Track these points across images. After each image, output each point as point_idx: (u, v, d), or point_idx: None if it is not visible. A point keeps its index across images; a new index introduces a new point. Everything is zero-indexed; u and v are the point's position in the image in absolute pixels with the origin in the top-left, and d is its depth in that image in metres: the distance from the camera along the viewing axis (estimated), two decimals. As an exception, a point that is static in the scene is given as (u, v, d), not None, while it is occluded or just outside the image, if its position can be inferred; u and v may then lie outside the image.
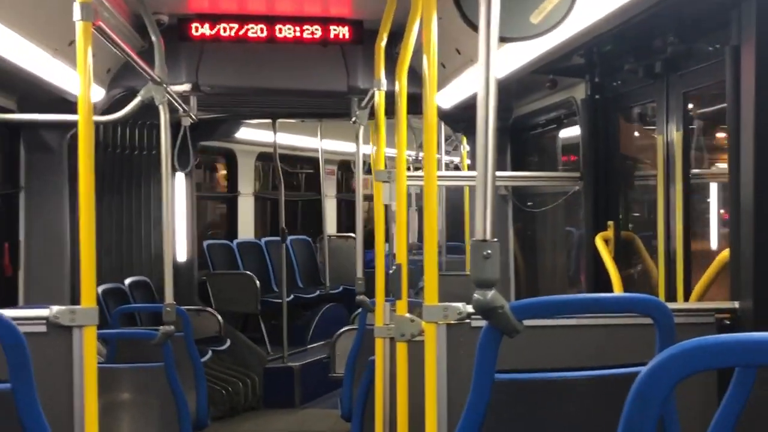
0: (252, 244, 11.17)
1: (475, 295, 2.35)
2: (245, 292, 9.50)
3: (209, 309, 8.39)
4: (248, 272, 9.95)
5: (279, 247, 10.79)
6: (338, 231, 13.15)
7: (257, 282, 9.57)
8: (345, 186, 14.29)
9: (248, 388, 8.81)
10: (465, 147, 8.42)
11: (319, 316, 10.70)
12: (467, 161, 8.48)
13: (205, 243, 10.00)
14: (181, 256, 9.06)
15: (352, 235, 11.57)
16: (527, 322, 2.37)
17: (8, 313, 2.74)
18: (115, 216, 8.62)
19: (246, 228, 11.50)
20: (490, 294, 2.34)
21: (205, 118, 7.13)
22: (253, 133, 11.10)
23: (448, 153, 13.77)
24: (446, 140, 13.32)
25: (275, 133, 10.18)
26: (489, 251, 2.36)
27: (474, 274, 2.36)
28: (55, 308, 3.31)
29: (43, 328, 3.31)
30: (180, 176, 8.94)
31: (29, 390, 2.53)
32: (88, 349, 3.28)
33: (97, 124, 6.55)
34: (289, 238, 11.80)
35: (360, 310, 9.00)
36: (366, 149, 11.16)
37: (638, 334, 3.00)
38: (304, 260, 11.83)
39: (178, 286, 8.31)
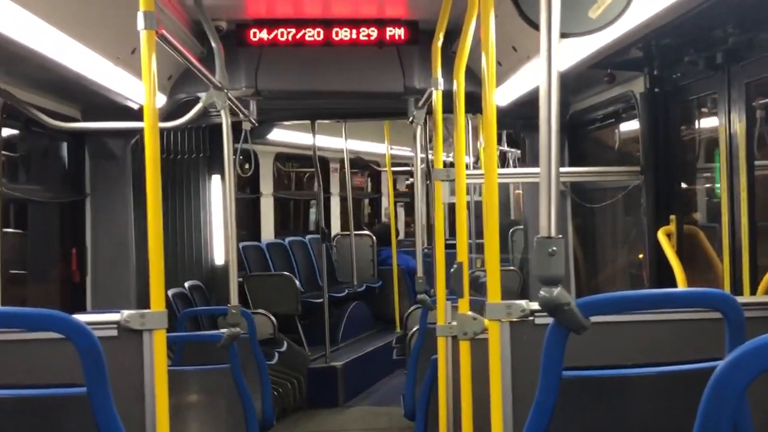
0: (278, 245, 11.20)
1: (541, 292, 2.36)
2: (284, 294, 9.46)
3: (263, 311, 8.44)
4: (286, 273, 9.98)
5: (303, 246, 10.85)
6: (342, 229, 13.18)
7: (297, 283, 9.57)
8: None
9: (296, 389, 8.82)
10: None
11: (347, 315, 10.73)
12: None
13: (241, 245, 10.03)
14: (221, 258, 9.08)
15: (366, 233, 11.49)
16: (592, 318, 2.37)
17: (81, 317, 2.80)
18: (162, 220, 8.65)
19: (268, 228, 11.64)
20: (556, 291, 2.34)
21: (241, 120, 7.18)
22: (276, 134, 11.13)
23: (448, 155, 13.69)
24: (444, 141, 13.20)
25: (314, 135, 10.20)
26: (554, 248, 2.35)
27: (539, 271, 2.36)
28: (126, 312, 3.36)
29: (114, 333, 3.37)
30: (217, 179, 8.99)
31: (105, 393, 2.58)
32: (158, 352, 3.33)
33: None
34: (308, 237, 11.86)
35: (409, 309, 9.07)
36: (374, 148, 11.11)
37: (705, 329, 2.96)
38: (305, 260, 11.83)
39: (220, 289, 8.42)
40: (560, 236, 2.37)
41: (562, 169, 6.11)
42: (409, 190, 17.10)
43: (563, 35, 2.49)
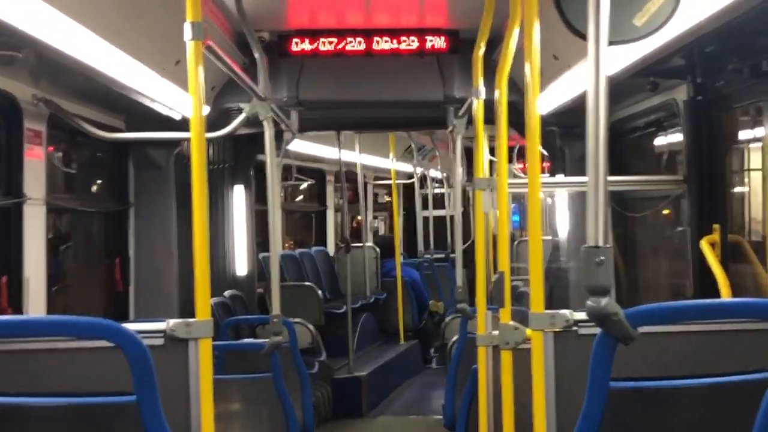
0: (289, 256, 11.20)
1: (588, 302, 2.34)
2: (307, 304, 9.38)
3: (301, 320, 8.44)
4: (310, 284, 9.92)
5: (311, 258, 10.85)
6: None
7: (320, 293, 9.51)
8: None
9: (324, 399, 8.77)
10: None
11: (360, 326, 10.67)
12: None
13: (260, 255, 10.03)
14: (243, 269, 8.97)
15: (370, 244, 11.47)
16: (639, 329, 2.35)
17: (128, 326, 2.83)
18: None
19: (277, 239, 11.48)
20: (604, 301, 2.32)
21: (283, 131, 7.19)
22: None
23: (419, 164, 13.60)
24: (418, 150, 13.12)
25: (340, 147, 10.11)
26: (602, 257, 2.34)
27: (587, 280, 2.34)
28: (172, 321, 3.39)
29: (160, 341, 3.40)
30: (240, 189, 8.96)
31: (154, 402, 2.60)
32: (203, 360, 3.35)
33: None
34: (314, 249, 11.84)
35: (446, 319, 9.02)
36: (355, 158, 11.09)
37: (753, 340, 2.93)
38: (325, 271, 11.78)
39: (245, 300, 8.42)
40: (608, 245, 2.36)
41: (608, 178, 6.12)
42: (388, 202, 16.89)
43: (610, 43, 2.48)
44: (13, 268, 4.80)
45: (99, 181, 7.06)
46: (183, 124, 6.39)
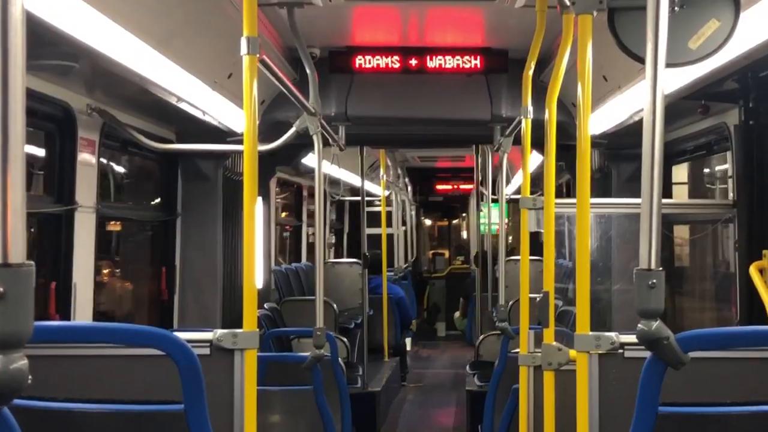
0: (279, 271, 11.14)
1: (639, 325, 2.33)
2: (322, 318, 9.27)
3: (337, 335, 8.41)
4: (325, 298, 9.77)
5: (296, 274, 10.83)
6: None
7: (335, 307, 9.34)
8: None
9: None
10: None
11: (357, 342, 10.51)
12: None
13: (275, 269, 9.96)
14: (259, 281, 8.88)
15: (356, 261, 11.28)
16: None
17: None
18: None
19: (321, 253, 11.35)
20: (655, 324, 2.31)
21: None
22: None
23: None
24: (369, 166, 12.84)
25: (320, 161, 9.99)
26: (654, 281, 2.33)
27: (639, 304, 2.33)
28: (219, 332, 3.42)
29: (206, 351, 3.43)
30: (260, 202, 8.93)
31: (202, 411, 2.61)
32: (248, 371, 3.37)
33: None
34: (294, 265, 11.75)
35: (481, 336, 8.96)
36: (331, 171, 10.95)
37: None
38: (310, 287, 11.65)
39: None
40: (660, 269, 2.34)
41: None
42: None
43: (666, 66, 2.47)
44: (62, 274, 4.87)
45: (148, 191, 7.15)
46: (230, 136, 6.47)
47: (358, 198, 13.76)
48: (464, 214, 20.72)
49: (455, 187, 18.86)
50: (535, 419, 4.56)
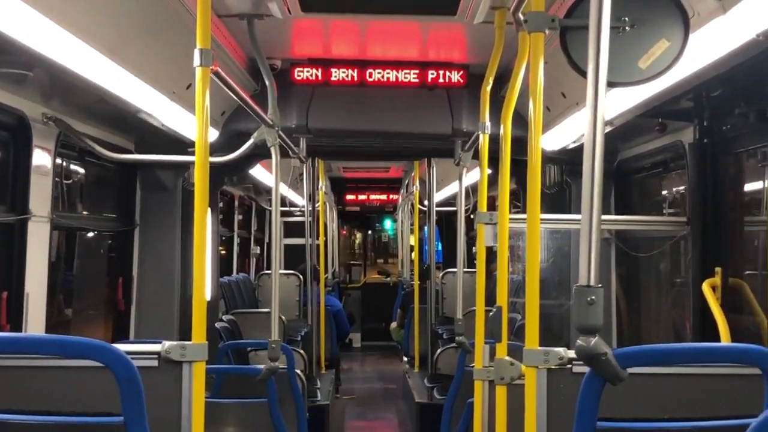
0: (234, 282, 11.08)
1: (578, 341, 2.35)
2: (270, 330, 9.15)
3: (294, 348, 8.34)
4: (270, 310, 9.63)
5: (237, 285, 10.83)
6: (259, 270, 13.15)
7: (284, 320, 9.16)
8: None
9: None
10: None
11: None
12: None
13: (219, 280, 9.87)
14: (208, 293, 8.79)
15: (293, 272, 11.14)
16: (630, 370, 2.35)
17: (122, 347, 2.85)
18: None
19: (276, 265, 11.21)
20: (594, 340, 2.33)
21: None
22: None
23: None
24: (298, 176, 12.63)
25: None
26: (593, 297, 2.35)
27: (577, 320, 2.35)
28: (167, 343, 3.40)
29: (155, 363, 3.41)
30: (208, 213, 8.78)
31: (141, 424, 2.60)
32: (197, 383, 3.36)
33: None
34: (237, 276, 11.69)
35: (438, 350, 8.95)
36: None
37: (744, 385, 2.92)
38: (249, 297, 11.51)
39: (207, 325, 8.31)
40: (599, 285, 2.36)
41: (606, 217, 6.15)
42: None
43: (611, 84, 2.50)
44: (15, 284, 4.82)
45: (106, 201, 7.10)
46: (192, 147, 6.44)
47: (292, 209, 13.78)
48: (378, 226, 20.72)
49: (372, 197, 18.80)
50: (490, 432, 4.58)
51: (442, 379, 8.58)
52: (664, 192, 6.77)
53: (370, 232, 21.20)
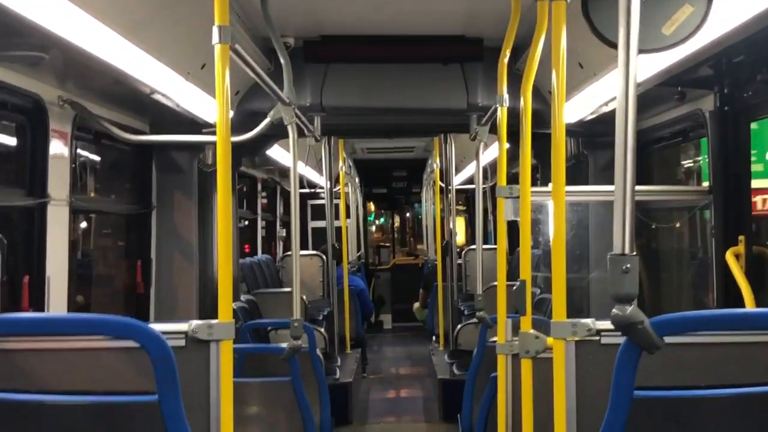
0: (256, 263, 11.08)
1: (614, 310, 2.32)
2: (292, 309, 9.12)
3: (315, 326, 8.35)
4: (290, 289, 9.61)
5: (260, 266, 10.83)
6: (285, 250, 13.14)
7: (305, 299, 9.25)
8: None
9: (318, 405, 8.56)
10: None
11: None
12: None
13: (240, 261, 9.88)
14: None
15: (316, 252, 11.23)
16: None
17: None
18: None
19: (297, 245, 11.16)
20: (630, 309, 2.31)
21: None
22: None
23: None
24: (319, 159, 12.52)
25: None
26: (628, 265, 2.32)
27: (613, 289, 2.33)
28: (194, 323, 3.40)
29: (182, 342, 3.41)
30: None
31: (176, 402, 2.60)
32: (224, 362, 3.35)
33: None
34: (260, 257, 11.71)
35: (458, 326, 8.96)
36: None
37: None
38: (273, 279, 11.59)
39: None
40: (634, 254, 2.34)
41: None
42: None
43: (639, 52, 2.46)
44: (36, 268, 4.82)
45: (123, 184, 7.09)
46: (205, 128, 6.43)
47: (316, 190, 13.78)
48: (406, 206, 20.70)
49: (400, 179, 18.78)
50: (514, 407, 4.57)
51: (463, 355, 8.58)
52: (684, 162, 6.73)
53: (397, 214, 21.18)
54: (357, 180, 16.53)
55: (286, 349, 4.98)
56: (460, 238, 16.62)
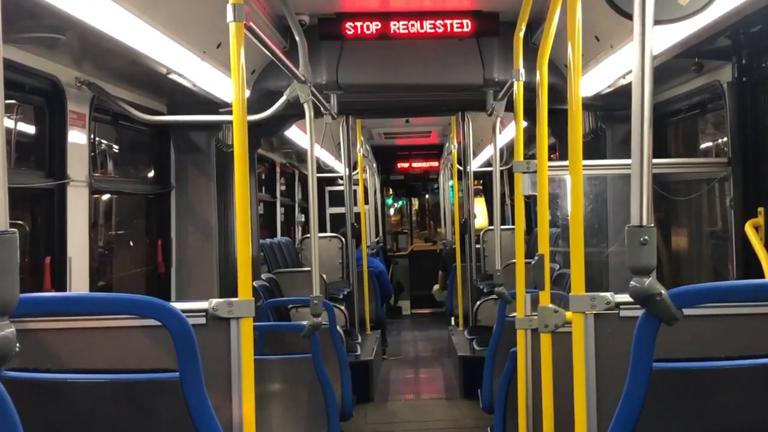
0: (276, 244, 11.11)
1: (632, 282, 2.32)
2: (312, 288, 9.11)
3: (335, 304, 8.39)
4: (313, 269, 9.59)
5: (280, 247, 10.87)
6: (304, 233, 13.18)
7: (325, 278, 9.26)
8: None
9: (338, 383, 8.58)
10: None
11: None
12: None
13: (261, 242, 9.86)
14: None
15: (335, 234, 11.25)
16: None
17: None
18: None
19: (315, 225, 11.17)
20: (648, 281, 2.30)
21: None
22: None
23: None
24: (336, 144, 12.34)
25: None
26: (646, 237, 2.32)
27: (631, 260, 2.33)
28: (215, 301, 3.42)
29: (202, 320, 3.43)
30: None
31: (197, 379, 2.62)
32: (245, 340, 3.37)
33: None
34: (279, 239, 11.75)
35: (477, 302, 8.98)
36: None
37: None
38: (293, 260, 11.64)
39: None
40: (652, 225, 2.33)
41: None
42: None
43: (655, 22, 2.44)
44: (57, 249, 4.86)
45: (141, 164, 7.13)
46: (222, 108, 6.44)
47: (334, 175, 13.80)
48: (425, 193, 20.66)
49: (415, 164, 18.72)
50: (534, 381, 4.57)
51: (482, 331, 8.60)
52: (702, 134, 6.68)
53: (415, 199, 21.18)
54: (375, 165, 16.53)
55: (306, 326, 5.01)
56: (482, 220, 16.58)
